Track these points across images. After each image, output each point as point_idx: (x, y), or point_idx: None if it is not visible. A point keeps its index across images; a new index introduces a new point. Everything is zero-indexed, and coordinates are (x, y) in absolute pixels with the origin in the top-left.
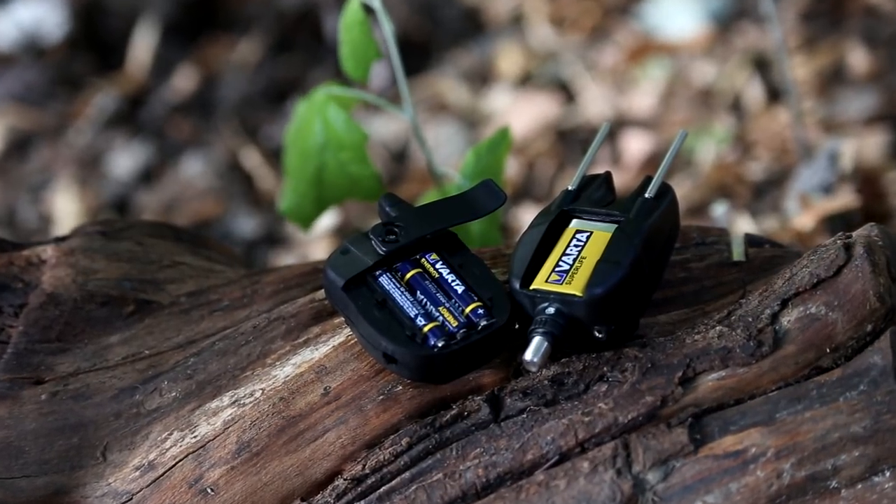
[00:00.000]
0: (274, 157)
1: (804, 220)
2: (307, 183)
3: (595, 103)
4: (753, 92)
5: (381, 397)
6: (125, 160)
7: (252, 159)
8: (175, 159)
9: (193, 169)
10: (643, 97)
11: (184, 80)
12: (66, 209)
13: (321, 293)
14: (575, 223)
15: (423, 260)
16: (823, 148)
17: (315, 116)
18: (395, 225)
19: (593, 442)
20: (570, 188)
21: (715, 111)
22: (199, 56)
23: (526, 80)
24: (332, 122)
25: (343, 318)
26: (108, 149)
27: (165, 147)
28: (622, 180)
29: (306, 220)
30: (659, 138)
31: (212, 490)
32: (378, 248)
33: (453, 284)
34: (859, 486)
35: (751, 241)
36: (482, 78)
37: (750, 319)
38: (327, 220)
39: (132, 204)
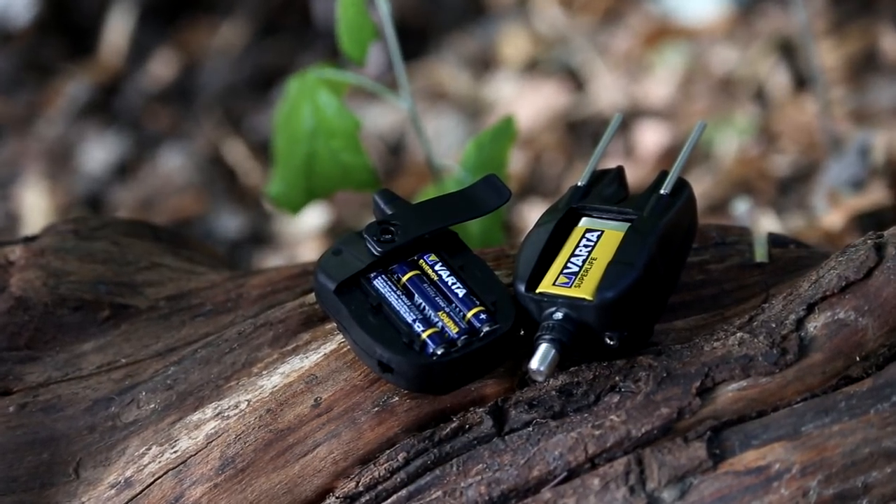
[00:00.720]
0: (259, 149)
1: (832, 219)
2: (296, 171)
3: (607, 92)
4: (778, 80)
5: (376, 409)
6: (99, 153)
7: (236, 152)
8: (153, 152)
9: (173, 162)
10: (659, 85)
11: (162, 67)
12: (36, 206)
13: (311, 297)
14: (584, 222)
15: (422, 261)
16: (853, 140)
17: (305, 100)
18: (390, 224)
19: (604, 457)
20: (579, 184)
21: (736, 100)
22: (179, 40)
23: (532, 67)
24: (322, 107)
25: (335, 324)
26: (81, 141)
27: (142, 139)
28: (636, 175)
29: (295, 208)
30: (676, 130)
31: None
32: (373, 249)
33: (454, 288)
34: None
35: (774, 240)
36: (485, 64)
37: (773, 325)
38: (318, 218)
39: (106, 200)
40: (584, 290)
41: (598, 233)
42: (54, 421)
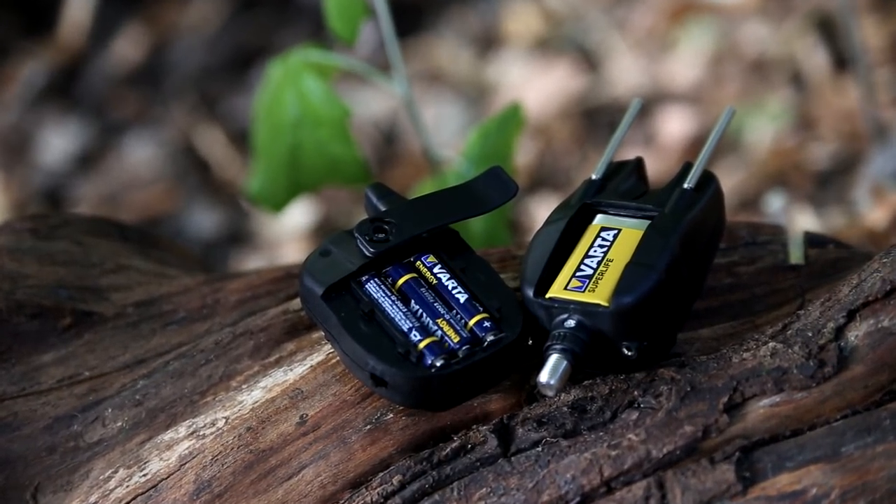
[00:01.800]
0: (237, 138)
1: (876, 215)
2: (279, 164)
3: (626, 74)
4: (816, 61)
5: (369, 427)
6: (58, 142)
7: (211, 141)
8: (118, 141)
9: (141, 153)
10: (684, 67)
11: (129, 46)
12: None
13: (296, 303)
14: (599, 219)
15: (419, 263)
16: None
17: (288, 87)
18: (384, 221)
19: (622, 480)
20: (593, 177)
21: (770, 84)
22: (147, 17)
23: (542, 46)
24: (308, 93)
25: (322, 333)
26: (38, 129)
27: (107, 127)
28: (657, 167)
29: (277, 206)
30: (702, 116)
31: None
32: (364, 250)
33: (454, 292)
34: None
35: (811, 240)
36: (488, 42)
37: (809, 334)
38: (303, 215)
39: (67, 195)
40: (599, 295)
41: (615, 231)
42: (9, 441)
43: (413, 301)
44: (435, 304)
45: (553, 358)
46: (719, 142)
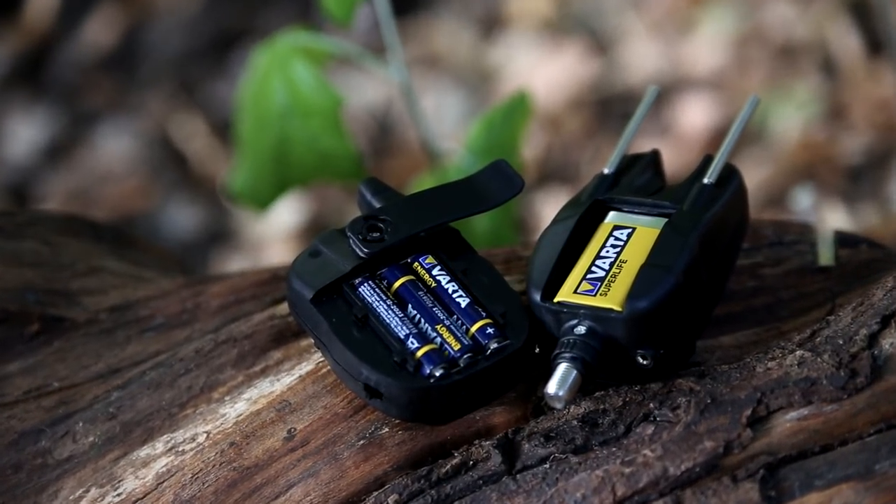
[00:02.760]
0: (218, 127)
1: None
2: (265, 159)
3: (642, 59)
4: (848, 45)
5: (362, 442)
6: (25, 133)
7: (189, 131)
8: (90, 132)
9: (114, 144)
10: (705, 51)
11: (101, 29)
12: None
13: (283, 307)
14: (612, 217)
15: (416, 264)
16: None
17: (276, 74)
18: (379, 219)
19: (636, 500)
20: (606, 171)
21: (798, 70)
22: None
23: (550, 28)
24: (298, 81)
25: (312, 340)
26: (3, 118)
27: (77, 116)
28: (675, 160)
29: (262, 204)
30: (725, 105)
31: None
32: (358, 250)
33: (455, 296)
34: None
35: (842, 240)
36: (490, 23)
37: (840, 342)
38: (292, 213)
39: (35, 191)
40: (612, 300)
41: (629, 230)
42: None
43: (410, 305)
44: (434, 309)
45: (562, 367)
46: (743, 133)
